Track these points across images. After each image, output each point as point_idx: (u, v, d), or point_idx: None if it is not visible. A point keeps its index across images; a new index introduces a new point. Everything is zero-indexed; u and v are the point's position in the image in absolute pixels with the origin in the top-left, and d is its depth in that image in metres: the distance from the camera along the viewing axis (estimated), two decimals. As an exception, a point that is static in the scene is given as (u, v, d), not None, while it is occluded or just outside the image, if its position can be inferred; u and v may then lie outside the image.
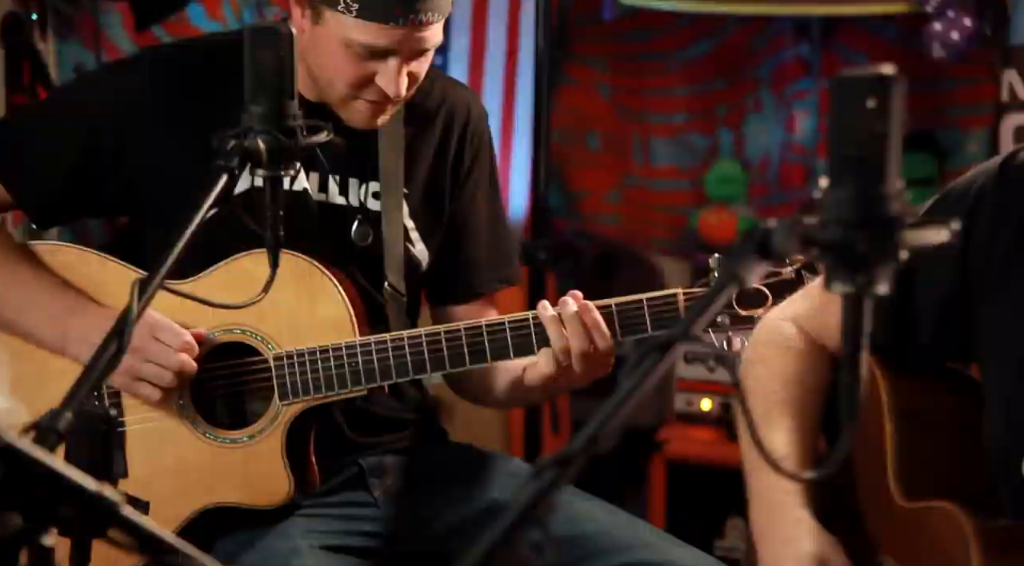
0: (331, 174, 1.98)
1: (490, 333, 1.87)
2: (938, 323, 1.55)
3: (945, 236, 1.07)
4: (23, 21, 3.24)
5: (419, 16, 1.83)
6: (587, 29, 4.39)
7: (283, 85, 1.52)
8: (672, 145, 4.42)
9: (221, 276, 1.90)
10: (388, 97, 1.89)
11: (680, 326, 1.03)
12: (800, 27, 4.27)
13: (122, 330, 1.28)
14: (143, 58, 2.03)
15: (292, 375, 1.88)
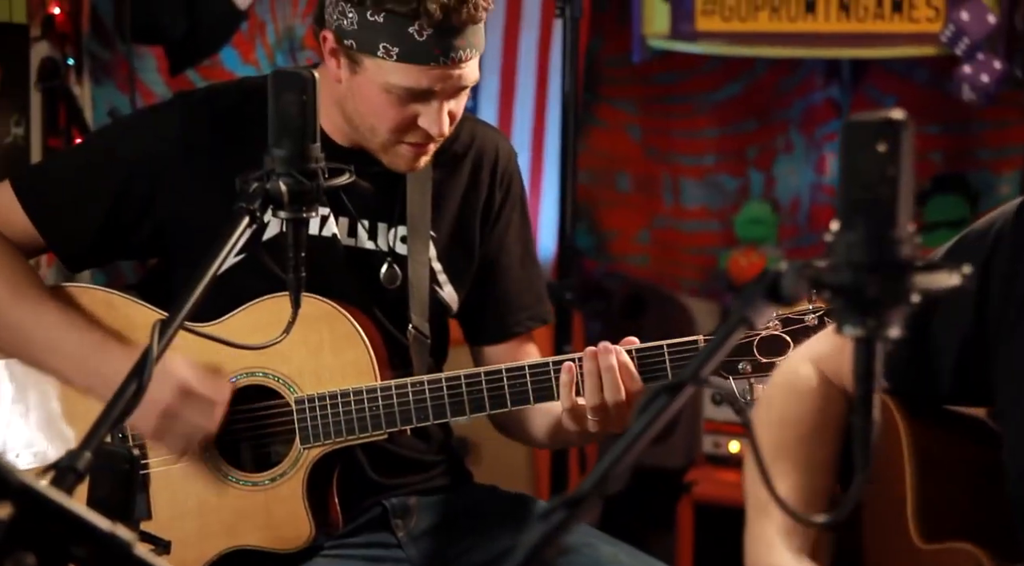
0: (360, 219, 1.99)
1: (510, 378, 1.88)
2: (958, 366, 1.54)
3: (956, 280, 1.07)
4: (59, 66, 3.29)
5: (458, 54, 1.86)
6: (616, 71, 4.42)
7: (306, 128, 1.54)
8: (702, 186, 4.43)
9: (245, 319, 1.92)
10: (431, 137, 1.92)
11: (690, 369, 1.04)
12: (831, 69, 4.27)
13: (141, 371, 1.29)
14: (174, 104, 2.06)
15: (314, 419, 1.89)
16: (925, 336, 1.55)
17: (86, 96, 3.42)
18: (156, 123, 2.02)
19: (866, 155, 1.06)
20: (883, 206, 1.06)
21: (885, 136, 1.06)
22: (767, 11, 3.96)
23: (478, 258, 2.09)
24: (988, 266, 1.51)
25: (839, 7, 3.88)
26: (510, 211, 2.12)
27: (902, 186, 1.06)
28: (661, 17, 4.09)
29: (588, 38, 4.27)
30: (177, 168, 1.95)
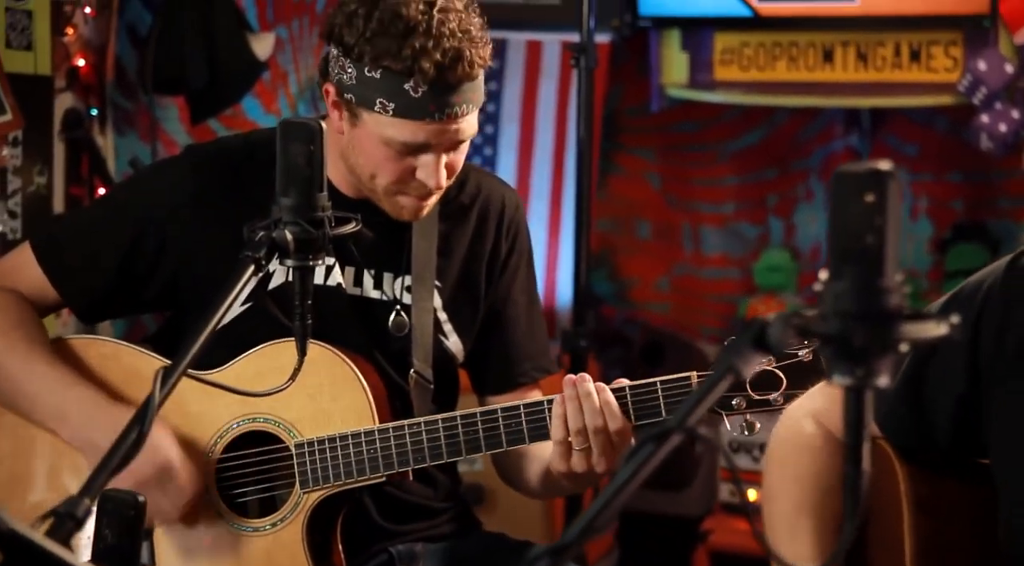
0: (366, 268, 2.01)
1: (505, 418, 1.88)
2: (954, 421, 1.54)
3: (944, 330, 1.07)
4: (83, 116, 3.35)
5: (453, 110, 1.87)
6: (636, 120, 4.45)
7: (313, 178, 1.56)
8: (722, 234, 4.44)
9: (247, 366, 1.93)
10: (430, 189, 1.93)
11: (677, 417, 1.04)
12: (850, 118, 4.29)
13: (143, 418, 1.31)
14: (183, 158, 2.09)
15: (313, 463, 1.90)
16: (921, 391, 1.56)
17: (109, 146, 3.47)
18: (165, 178, 2.05)
19: (854, 205, 1.07)
20: (871, 256, 1.06)
21: (872, 187, 1.07)
22: (785, 60, 3.98)
23: (484, 308, 2.09)
24: (979, 322, 1.51)
25: (857, 57, 3.90)
26: (517, 261, 2.12)
27: (889, 236, 1.07)
28: (679, 66, 4.12)
29: (608, 88, 4.31)
30: (186, 221, 1.98)
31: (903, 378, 1.56)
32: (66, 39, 3.29)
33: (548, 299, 4.24)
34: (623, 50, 4.21)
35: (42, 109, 3.21)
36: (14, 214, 3.12)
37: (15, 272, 2.02)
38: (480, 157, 4.35)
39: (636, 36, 4.09)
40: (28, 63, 3.14)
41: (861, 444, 1.10)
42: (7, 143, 3.07)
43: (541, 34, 4.16)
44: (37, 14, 3.15)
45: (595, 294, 4.57)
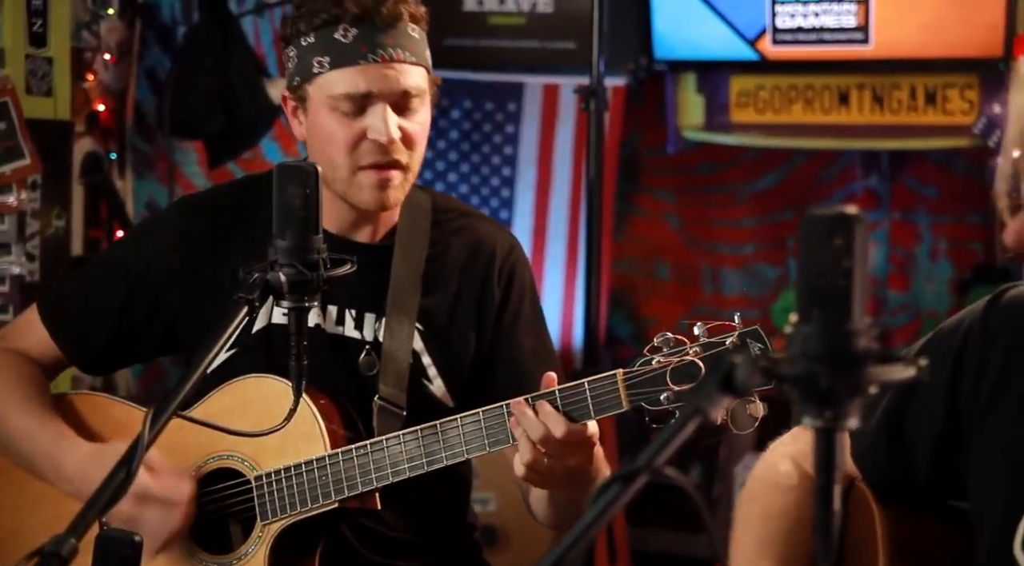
0: (348, 308, 2.01)
1: (466, 424, 1.86)
2: (932, 460, 1.54)
3: (912, 372, 1.08)
4: (102, 160, 3.41)
5: (388, 51, 1.88)
6: (655, 162, 4.47)
7: (308, 220, 1.58)
8: (741, 275, 4.44)
9: (213, 404, 1.96)
10: (385, 151, 1.90)
11: (644, 458, 1.05)
12: (870, 160, 4.29)
13: (131, 458, 1.33)
14: (173, 208, 2.15)
15: (271, 494, 1.91)
16: (900, 429, 1.55)
17: (128, 189, 3.53)
18: (155, 230, 2.10)
19: (822, 248, 1.08)
20: (839, 298, 1.07)
21: (840, 230, 1.08)
22: (801, 103, 4.00)
23: (479, 354, 2.06)
24: (959, 361, 1.51)
25: (872, 99, 3.91)
26: (516, 306, 2.08)
27: (857, 279, 1.08)
28: (695, 109, 4.15)
29: (626, 130, 4.34)
30: (178, 270, 2.01)
31: (882, 416, 1.56)
32: (86, 85, 3.35)
33: (565, 339, 4.25)
34: (639, 93, 4.24)
35: (61, 153, 3.27)
36: (32, 256, 3.17)
37: (23, 333, 2.08)
38: (498, 198, 4.38)
39: (653, 79, 4.13)
40: (48, 109, 3.21)
41: (832, 485, 1.10)
42: (25, 187, 3.13)
43: (558, 77, 4.20)
44: (57, 61, 3.22)
45: (614, 335, 4.58)
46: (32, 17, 3.14)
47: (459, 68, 4.14)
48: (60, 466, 1.96)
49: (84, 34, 3.35)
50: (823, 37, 3.83)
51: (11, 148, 3.08)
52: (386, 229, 2.05)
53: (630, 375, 1.78)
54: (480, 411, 1.87)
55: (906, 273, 4.33)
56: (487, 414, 1.86)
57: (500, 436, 1.85)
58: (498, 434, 1.85)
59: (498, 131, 4.38)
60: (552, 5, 4.10)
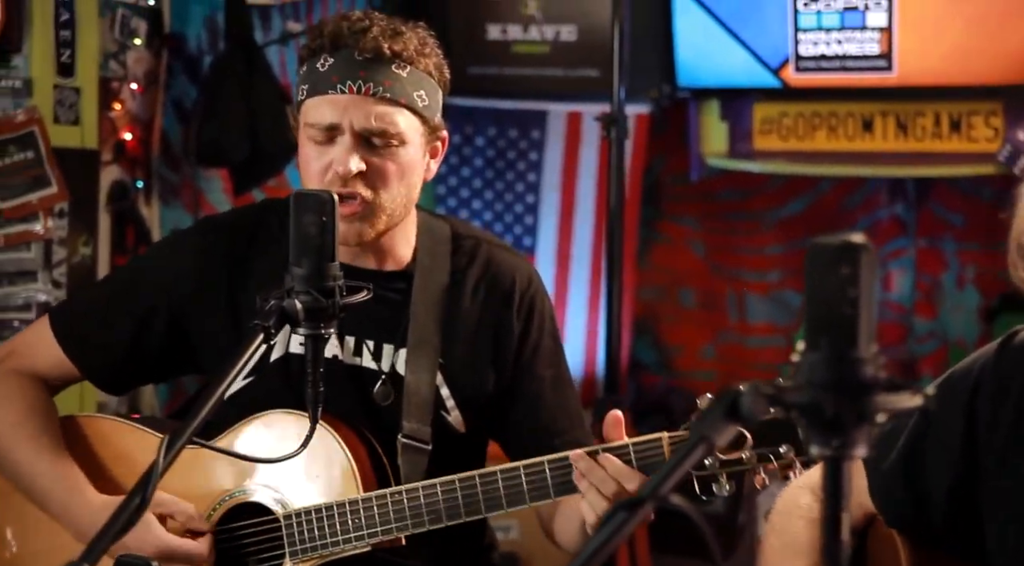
0: (365, 339, 2.00)
1: (483, 484, 1.86)
2: (949, 502, 1.53)
3: (919, 401, 1.07)
4: (129, 188, 3.44)
5: (357, 83, 1.87)
6: (679, 188, 4.47)
7: (324, 247, 1.59)
8: (767, 302, 4.43)
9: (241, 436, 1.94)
10: (344, 182, 1.88)
11: (650, 486, 1.06)
12: (895, 187, 4.28)
13: (145, 485, 1.34)
14: (194, 229, 2.14)
15: (300, 534, 1.89)
16: (918, 468, 1.55)
17: (154, 217, 3.56)
18: (176, 248, 2.08)
19: (829, 277, 1.09)
20: (846, 327, 1.08)
21: (846, 259, 1.08)
22: (825, 130, 4.00)
23: (497, 386, 2.06)
24: (973, 403, 1.51)
25: (896, 126, 3.91)
26: (536, 337, 2.07)
27: (863, 307, 1.08)
28: (719, 136, 4.15)
29: (650, 157, 4.35)
30: (197, 290, 2.00)
31: (899, 455, 1.56)
32: (113, 114, 3.39)
33: (588, 366, 4.25)
34: (662, 120, 4.25)
35: (88, 182, 3.31)
36: (59, 284, 3.20)
37: (34, 349, 2.05)
38: (521, 225, 4.39)
39: (676, 106, 4.13)
40: (75, 137, 3.24)
41: (840, 514, 1.10)
42: (52, 215, 3.16)
43: (581, 105, 4.21)
44: (85, 90, 3.26)
45: (639, 362, 4.57)
46: (60, 47, 3.18)
47: (483, 96, 4.17)
48: (74, 518, 1.94)
49: (112, 64, 3.39)
50: (846, 64, 3.83)
51: (38, 177, 3.12)
52: (399, 257, 2.04)
53: (675, 439, 1.79)
54: (498, 470, 1.86)
55: (933, 300, 4.30)
56: (505, 474, 1.85)
57: (542, 491, 1.84)
58: (540, 489, 1.84)
59: (522, 158, 4.40)
60: (576, 34, 4.11)
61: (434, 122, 1.96)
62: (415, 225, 2.05)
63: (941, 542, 1.58)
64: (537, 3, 4.14)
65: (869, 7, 3.76)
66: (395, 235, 2.01)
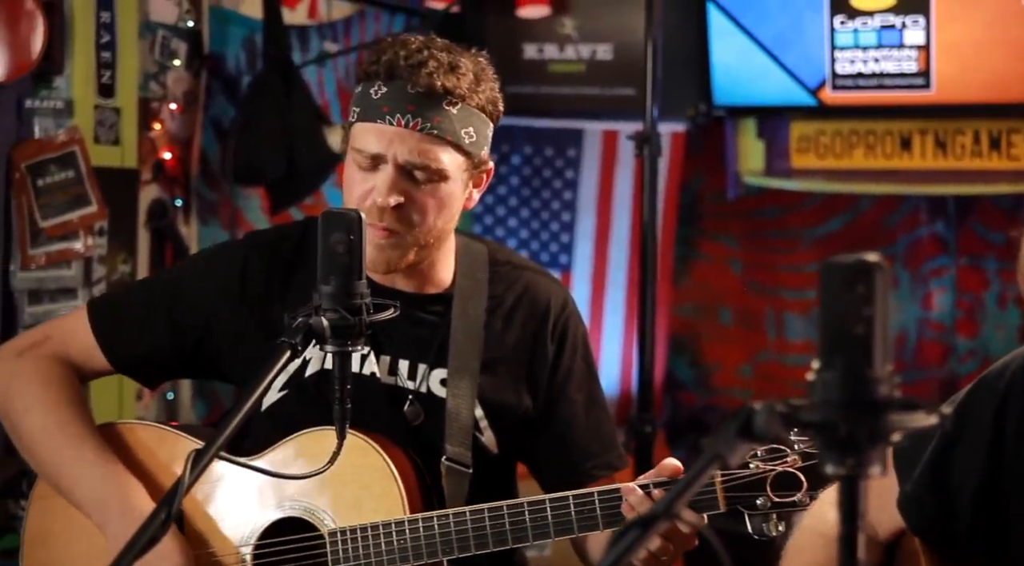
0: (400, 358, 2.02)
1: (532, 512, 1.87)
2: (975, 511, 1.52)
3: (934, 420, 1.07)
4: (167, 207, 3.48)
5: (407, 117, 1.88)
6: (717, 207, 4.47)
7: (352, 266, 1.60)
8: (806, 320, 4.41)
9: (284, 453, 1.96)
10: (379, 214, 1.89)
11: (662, 503, 1.06)
12: (935, 205, 4.25)
13: (172, 498, 1.36)
14: (241, 243, 2.14)
15: (345, 551, 1.90)
16: (945, 476, 1.54)
17: (193, 235, 3.59)
18: (219, 260, 2.10)
19: (843, 296, 1.08)
20: (860, 346, 1.07)
21: (861, 278, 1.08)
22: (862, 148, 3.99)
23: (530, 409, 2.06)
24: (1002, 411, 1.49)
25: (935, 144, 3.89)
26: (569, 361, 2.08)
27: (878, 326, 1.08)
28: (756, 154, 4.15)
29: (686, 175, 4.35)
30: (235, 303, 2.03)
31: (927, 463, 1.55)
32: (153, 134, 3.43)
33: (624, 384, 4.25)
34: (699, 139, 4.26)
35: (128, 200, 3.35)
36: (98, 301, 3.25)
37: (69, 336, 2.08)
38: (557, 243, 4.41)
39: (712, 125, 4.13)
40: (115, 157, 3.29)
41: (856, 533, 1.10)
42: (92, 233, 3.21)
43: (617, 124, 4.22)
44: (125, 111, 3.30)
45: (676, 380, 4.57)
46: (101, 69, 3.23)
47: (519, 115, 4.19)
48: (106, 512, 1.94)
49: (151, 85, 3.44)
50: (883, 82, 3.82)
51: (79, 196, 3.16)
52: (438, 280, 2.05)
53: (727, 478, 1.79)
54: (547, 498, 1.86)
55: (974, 319, 4.27)
56: (554, 502, 1.85)
57: (591, 521, 1.85)
58: (588, 519, 1.85)
59: (558, 177, 4.41)
60: (611, 53, 4.13)
61: (480, 157, 1.98)
62: (454, 248, 2.07)
63: (965, 550, 1.57)
64: (573, 23, 4.16)
65: (907, 25, 3.75)
66: (435, 259, 2.02)
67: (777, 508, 1.75)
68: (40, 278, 3.18)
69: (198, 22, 3.56)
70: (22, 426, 2.02)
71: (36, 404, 2.01)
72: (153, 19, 3.43)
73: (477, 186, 2.02)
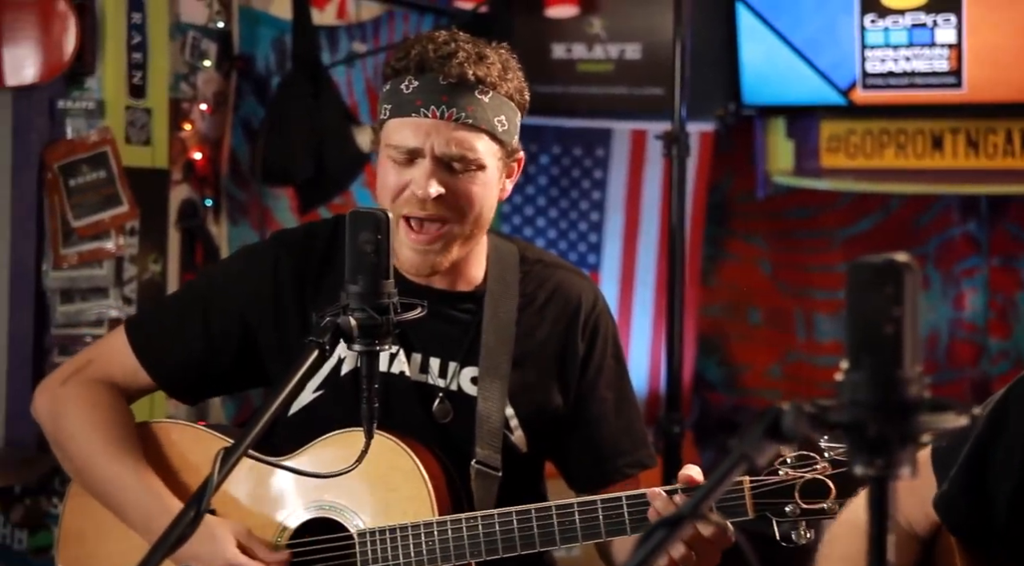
0: (430, 357, 2.01)
1: (560, 516, 1.86)
2: (1012, 510, 1.51)
3: (965, 421, 1.06)
4: (198, 207, 3.50)
5: (440, 108, 1.88)
6: (747, 207, 4.45)
7: (379, 265, 1.61)
8: (836, 321, 4.39)
9: (317, 453, 1.97)
10: (421, 205, 1.89)
11: (690, 504, 1.06)
12: (967, 205, 4.23)
13: (201, 497, 1.36)
14: (269, 244, 2.14)
15: (375, 552, 1.91)
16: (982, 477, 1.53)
17: (223, 235, 3.61)
18: (250, 262, 2.10)
19: (872, 296, 1.08)
20: (889, 346, 1.07)
21: (889, 278, 1.07)
22: (893, 148, 3.96)
23: (560, 407, 2.06)
24: None
25: (967, 144, 3.86)
26: (600, 360, 2.07)
27: (908, 327, 1.07)
28: (785, 154, 4.13)
29: (715, 175, 4.34)
30: (269, 305, 2.03)
31: (964, 462, 1.54)
32: (183, 134, 3.45)
33: (652, 384, 4.24)
34: (728, 138, 4.24)
35: (158, 200, 3.37)
36: (129, 300, 3.27)
37: (110, 358, 2.08)
38: (585, 243, 4.40)
39: (742, 124, 4.12)
40: (146, 157, 3.31)
41: (885, 534, 1.09)
42: (124, 233, 3.23)
43: (645, 123, 4.22)
44: (156, 111, 3.33)
45: (705, 380, 4.55)
46: (132, 70, 3.25)
47: (548, 115, 4.19)
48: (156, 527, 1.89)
49: (182, 85, 3.46)
50: (915, 81, 3.79)
51: (110, 196, 3.19)
52: (470, 278, 2.05)
53: (756, 484, 1.79)
54: (575, 502, 1.86)
55: (1007, 320, 4.24)
56: (582, 506, 1.85)
57: (619, 526, 1.85)
58: (616, 524, 1.85)
59: (586, 176, 4.41)
60: (640, 52, 4.12)
61: (512, 146, 1.98)
62: (486, 247, 2.07)
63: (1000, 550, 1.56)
64: (602, 22, 4.16)
65: (938, 24, 3.72)
66: (468, 256, 2.02)
67: (806, 515, 1.74)
68: (72, 277, 3.21)
69: (228, 23, 3.58)
70: (70, 451, 2.03)
71: (82, 429, 2.02)
72: (184, 20, 3.45)
73: (509, 176, 2.02)
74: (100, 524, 2.04)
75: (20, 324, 3.21)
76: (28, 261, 3.20)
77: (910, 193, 4.12)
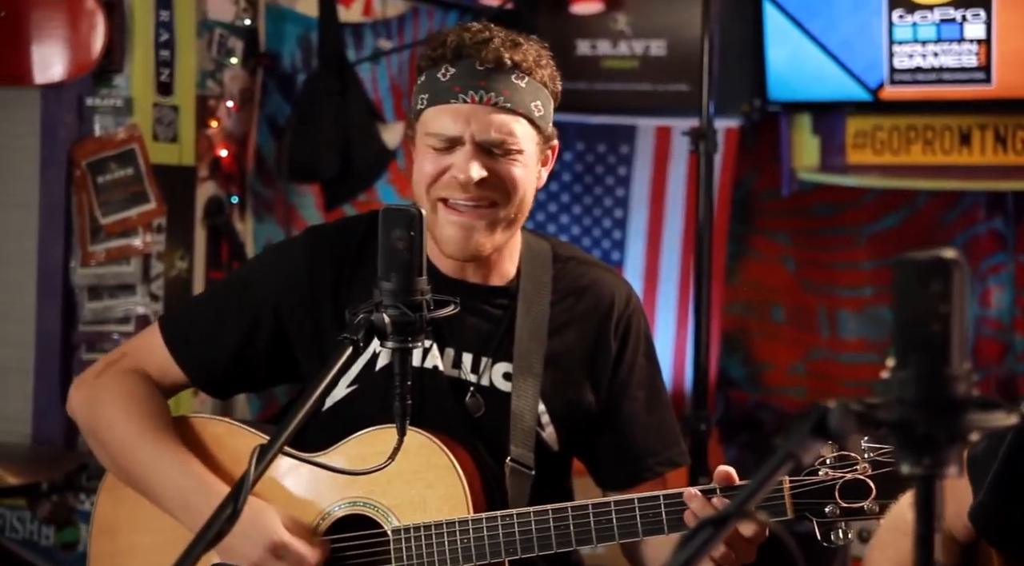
0: (464, 352, 2.01)
1: (596, 514, 1.85)
2: None
3: (1014, 420, 1.05)
4: (224, 204, 3.51)
5: (479, 93, 1.88)
6: (771, 204, 4.43)
7: (412, 262, 1.61)
8: (859, 318, 4.37)
9: (350, 449, 1.96)
10: (463, 189, 1.90)
11: (735, 503, 1.05)
12: (994, 201, 4.20)
13: (237, 494, 1.36)
14: (303, 238, 2.13)
15: (408, 549, 1.91)
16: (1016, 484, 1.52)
17: (248, 231, 3.62)
18: (285, 258, 2.09)
19: (919, 293, 1.07)
20: (936, 344, 1.06)
21: (937, 275, 1.06)
22: (920, 144, 3.94)
23: (591, 404, 2.06)
24: None
25: (995, 140, 3.84)
26: (632, 358, 2.07)
27: (955, 324, 1.06)
28: (811, 150, 4.11)
29: (740, 171, 4.32)
30: (302, 300, 2.02)
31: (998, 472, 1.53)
32: (210, 131, 3.46)
33: (676, 382, 4.22)
34: (753, 134, 4.22)
35: (185, 197, 3.38)
36: (156, 297, 3.28)
37: (144, 352, 2.08)
38: (609, 240, 4.39)
39: (767, 120, 4.10)
40: (173, 155, 3.32)
41: (932, 534, 1.08)
42: (151, 230, 3.24)
43: (670, 120, 4.20)
44: (183, 108, 3.34)
45: (729, 378, 4.54)
46: (160, 67, 3.26)
47: (572, 111, 4.17)
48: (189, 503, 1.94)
49: (209, 83, 3.47)
50: (943, 77, 3.77)
51: (138, 193, 3.20)
52: (503, 272, 2.05)
53: (796, 484, 1.78)
54: (611, 501, 1.86)
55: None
56: (619, 506, 1.85)
57: (656, 525, 1.84)
58: (654, 523, 1.84)
59: (610, 173, 4.40)
60: (665, 48, 4.11)
61: (548, 132, 1.99)
62: (519, 242, 2.07)
63: None
64: (626, 18, 4.15)
65: (967, 19, 3.70)
66: (502, 249, 2.02)
67: (846, 516, 1.73)
68: (100, 274, 3.22)
69: (254, 20, 3.59)
70: (107, 439, 2.02)
71: (118, 415, 2.01)
72: (211, 17, 3.46)
73: (544, 164, 2.03)
74: (132, 518, 2.04)
75: (48, 321, 3.23)
76: (56, 258, 3.21)
77: (936, 189, 4.09)
